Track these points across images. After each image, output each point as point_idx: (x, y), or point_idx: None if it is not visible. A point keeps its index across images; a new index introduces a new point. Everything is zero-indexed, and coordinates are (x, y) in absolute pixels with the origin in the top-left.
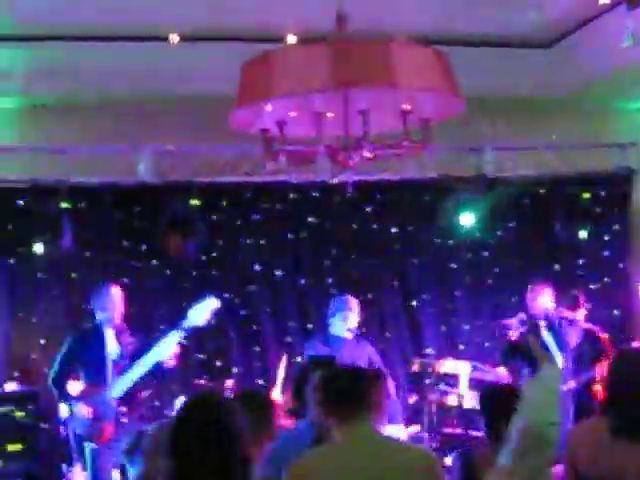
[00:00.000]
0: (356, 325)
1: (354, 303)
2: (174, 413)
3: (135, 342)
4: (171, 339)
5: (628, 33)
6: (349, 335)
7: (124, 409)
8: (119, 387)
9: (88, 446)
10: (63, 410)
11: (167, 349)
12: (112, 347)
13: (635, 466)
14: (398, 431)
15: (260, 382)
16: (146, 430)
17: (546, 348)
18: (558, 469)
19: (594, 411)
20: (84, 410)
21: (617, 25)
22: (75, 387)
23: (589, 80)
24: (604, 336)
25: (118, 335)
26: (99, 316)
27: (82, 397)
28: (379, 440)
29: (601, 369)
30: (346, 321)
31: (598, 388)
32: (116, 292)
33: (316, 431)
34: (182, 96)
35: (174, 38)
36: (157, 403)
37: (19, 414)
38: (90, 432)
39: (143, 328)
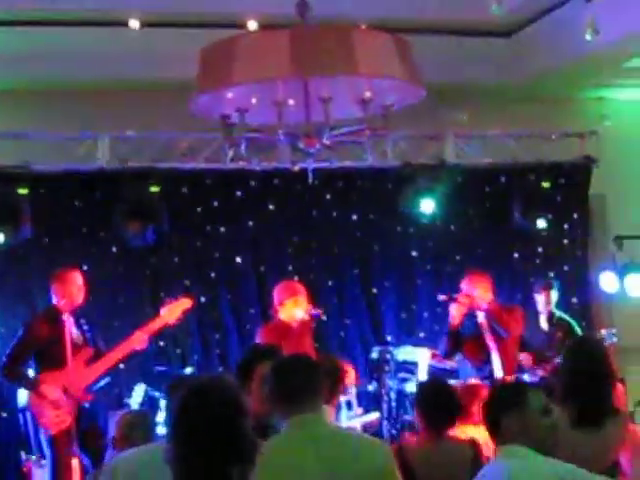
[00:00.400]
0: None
1: (300, 286)
2: (178, 396)
3: (95, 328)
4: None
5: (588, 25)
6: (305, 317)
7: (88, 396)
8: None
9: (46, 434)
10: (21, 398)
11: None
12: (72, 332)
13: (592, 454)
14: (352, 421)
15: (219, 369)
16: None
17: (480, 337)
18: None
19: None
20: (50, 395)
21: (576, 15)
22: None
23: (549, 69)
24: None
25: (77, 321)
26: (58, 301)
27: (45, 382)
28: (330, 432)
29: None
30: (298, 305)
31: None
32: (76, 277)
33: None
34: (142, 82)
35: (135, 24)
36: (116, 390)
37: None
38: (50, 419)
39: (102, 315)
